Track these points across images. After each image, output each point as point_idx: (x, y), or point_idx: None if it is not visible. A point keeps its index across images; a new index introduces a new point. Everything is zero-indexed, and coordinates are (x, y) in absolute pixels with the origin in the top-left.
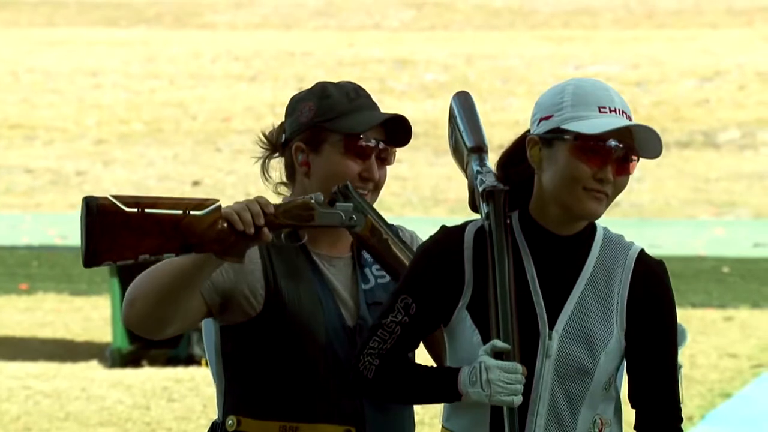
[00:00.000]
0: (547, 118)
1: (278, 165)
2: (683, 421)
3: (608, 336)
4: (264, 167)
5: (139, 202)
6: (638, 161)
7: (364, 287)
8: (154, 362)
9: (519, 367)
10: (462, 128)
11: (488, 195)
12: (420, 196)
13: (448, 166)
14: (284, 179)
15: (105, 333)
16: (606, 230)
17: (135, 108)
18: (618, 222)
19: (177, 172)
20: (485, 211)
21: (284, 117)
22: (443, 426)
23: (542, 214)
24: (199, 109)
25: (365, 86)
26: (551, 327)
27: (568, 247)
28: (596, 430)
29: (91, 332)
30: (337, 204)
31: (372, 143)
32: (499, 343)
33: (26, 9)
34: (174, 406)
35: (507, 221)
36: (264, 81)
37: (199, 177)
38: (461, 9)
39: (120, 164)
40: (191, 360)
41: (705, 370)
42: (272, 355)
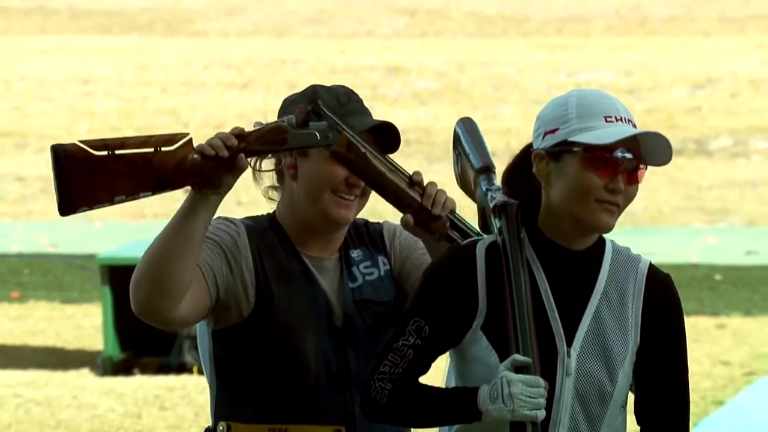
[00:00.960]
0: (553, 132)
1: (271, 169)
2: None
3: (625, 352)
4: (255, 168)
5: (107, 144)
6: (647, 169)
7: (352, 285)
8: (146, 370)
9: (541, 381)
10: (468, 151)
11: (500, 209)
12: None
13: (441, 173)
14: (275, 183)
15: (96, 341)
16: (614, 243)
17: (127, 115)
18: None
19: None
20: (497, 227)
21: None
22: None
23: (552, 229)
24: (191, 117)
25: (357, 93)
26: (569, 344)
27: (580, 262)
28: None
29: (83, 340)
30: (311, 124)
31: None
32: (520, 357)
33: (18, 17)
34: (166, 415)
35: (521, 235)
36: (256, 88)
37: None
38: (454, 16)
39: None
40: (183, 368)
41: (697, 378)
42: (262, 358)
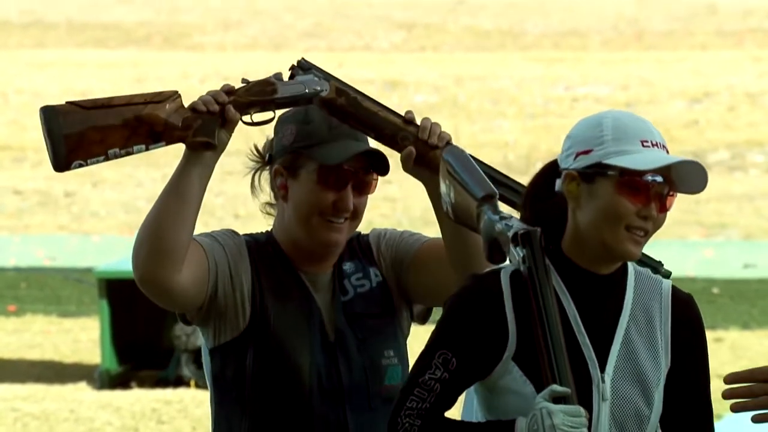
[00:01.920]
0: (586, 153)
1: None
2: None
3: (658, 374)
4: (254, 180)
5: (96, 103)
6: (676, 196)
7: (343, 299)
8: (143, 384)
9: (582, 410)
10: (465, 180)
11: (524, 238)
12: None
13: None
14: (272, 200)
15: (94, 354)
16: (635, 266)
17: None
18: None
19: None
20: (520, 255)
21: (273, 133)
22: None
23: (578, 253)
24: None
25: None
26: (601, 369)
27: (607, 286)
28: None
29: (80, 354)
30: (297, 77)
31: (345, 175)
32: (558, 387)
33: (15, 31)
34: (163, 428)
35: (546, 262)
36: None
37: None
38: (451, 31)
39: (109, 185)
40: (180, 381)
41: None
42: (256, 373)
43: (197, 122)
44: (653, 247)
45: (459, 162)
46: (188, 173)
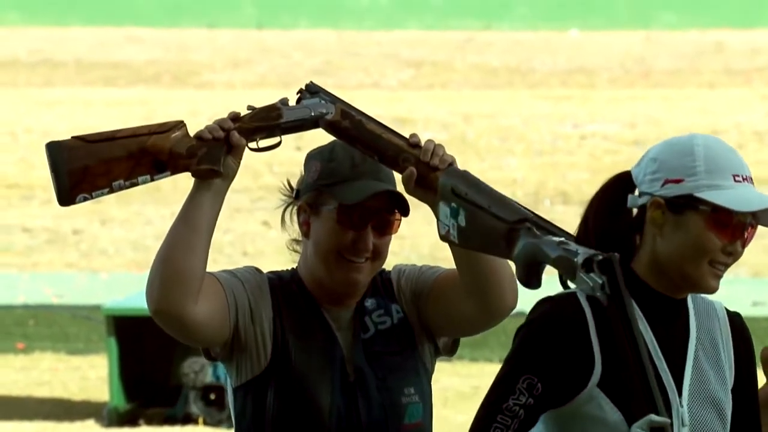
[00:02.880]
0: (677, 182)
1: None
2: None
3: (727, 396)
4: (283, 216)
5: (101, 136)
6: (756, 230)
7: (363, 336)
8: (152, 421)
9: None
10: (486, 203)
11: (604, 265)
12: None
13: None
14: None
15: (102, 392)
16: None
17: None
18: None
19: None
20: (598, 282)
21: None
22: None
23: (654, 278)
24: None
25: None
26: (678, 394)
27: (677, 309)
28: None
29: (88, 391)
30: (304, 101)
31: (365, 214)
32: (657, 418)
33: (24, 69)
34: None
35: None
36: None
37: None
38: (459, 68)
39: (117, 223)
40: (188, 419)
41: None
42: (276, 412)
43: (202, 150)
44: None
45: (471, 184)
46: (198, 201)
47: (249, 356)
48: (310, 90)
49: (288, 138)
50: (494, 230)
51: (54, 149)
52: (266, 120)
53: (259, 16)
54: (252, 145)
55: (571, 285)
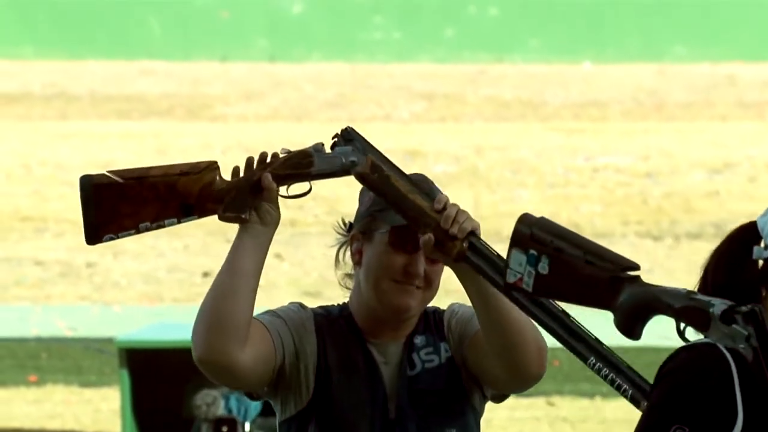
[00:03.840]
0: None
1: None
2: None
3: None
4: (338, 255)
5: (133, 173)
6: None
7: (410, 373)
8: None
9: None
10: (581, 253)
11: (751, 316)
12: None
13: None
14: (352, 271)
15: (115, 425)
16: None
17: None
18: None
19: (187, 264)
20: (743, 334)
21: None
22: None
23: None
24: None
25: (432, 181)
26: None
27: None
28: None
29: (101, 424)
30: (337, 149)
31: (417, 238)
32: None
33: (38, 103)
34: None
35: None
36: None
37: (210, 268)
38: (471, 101)
39: (130, 256)
40: None
41: None
42: None
43: (230, 195)
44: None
45: (555, 230)
46: (242, 248)
47: (293, 392)
48: (345, 137)
49: None
50: (591, 278)
51: (86, 184)
52: (298, 168)
53: (272, 50)
54: (282, 192)
55: (698, 337)
